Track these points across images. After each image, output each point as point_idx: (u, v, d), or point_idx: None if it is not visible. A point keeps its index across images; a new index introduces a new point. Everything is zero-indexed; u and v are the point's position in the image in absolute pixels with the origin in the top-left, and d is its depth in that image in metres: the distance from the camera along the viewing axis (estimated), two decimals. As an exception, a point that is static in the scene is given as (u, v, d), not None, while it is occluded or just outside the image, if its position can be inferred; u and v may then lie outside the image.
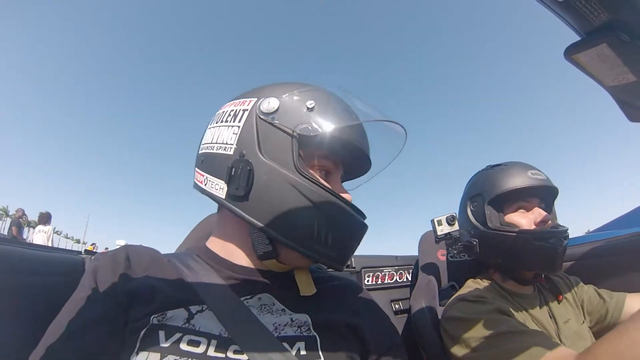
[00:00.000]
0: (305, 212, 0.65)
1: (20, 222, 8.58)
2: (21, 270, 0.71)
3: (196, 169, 0.76)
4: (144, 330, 0.57)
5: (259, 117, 0.69)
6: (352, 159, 0.79)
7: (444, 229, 1.36)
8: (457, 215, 1.36)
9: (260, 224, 0.65)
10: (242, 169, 0.66)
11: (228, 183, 0.67)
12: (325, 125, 0.68)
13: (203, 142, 0.77)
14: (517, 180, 1.15)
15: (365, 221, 0.74)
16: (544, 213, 1.13)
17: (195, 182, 0.76)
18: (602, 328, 1.17)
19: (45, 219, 8.26)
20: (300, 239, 0.65)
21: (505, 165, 1.22)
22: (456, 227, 1.36)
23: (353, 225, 0.72)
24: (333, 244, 0.67)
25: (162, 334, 0.57)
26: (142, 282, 0.64)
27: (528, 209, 1.17)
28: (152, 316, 0.59)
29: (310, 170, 0.71)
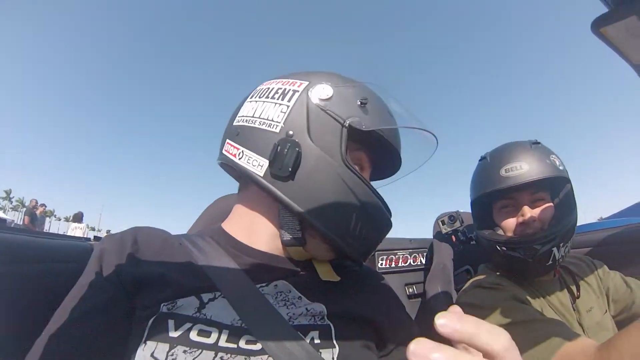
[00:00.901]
0: (346, 204, 0.64)
1: (33, 212, 9.36)
2: (26, 258, 0.69)
3: (228, 140, 0.72)
4: (153, 318, 0.55)
5: (311, 100, 0.67)
6: (386, 159, 0.79)
7: (447, 228, 1.38)
8: (459, 213, 1.40)
9: (300, 209, 0.63)
10: (290, 149, 0.62)
11: (271, 161, 0.63)
12: (375, 123, 0.68)
13: (241, 114, 0.73)
14: (488, 182, 1.08)
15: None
16: (528, 214, 1.05)
17: (224, 154, 0.72)
18: (627, 317, 1.12)
19: (78, 218, 9.57)
20: (336, 229, 0.64)
21: (486, 157, 1.15)
22: (457, 224, 1.37)
23: (383, 221, 0.72)
24: (365, 238, 0.68)
25: (171, 323, 0.55)
26: (151, 268, 0.62)
27: (516, 206, 1.09)
28: (162, 304, 0.57)
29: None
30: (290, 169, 0.62)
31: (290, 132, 0.65)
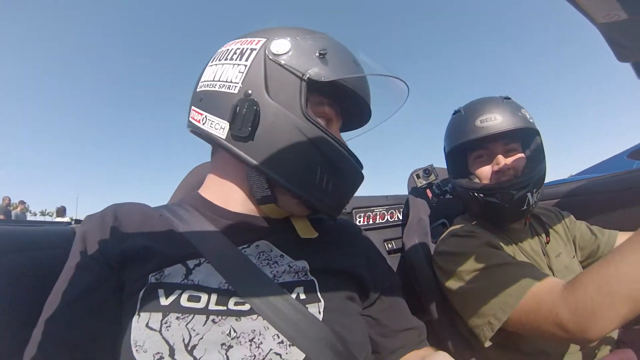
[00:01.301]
0: (309, 157, 0.64)
1: (7, 210, 9.33)
2: (9, 247, 0.68)
3: (193, 107, 0.71)
4: (143, 290, 0.56)
5: (268, 57, 0.66)
6: (354, 110, 0.78)
7: (422, 181, 1.42)
8: (433, 167, 1.43)
9: (261, 165, 0.63)
10: (248, 109, 0.62)
11: (231, 122, 0.64)
12: (336, 73, 0.67)
13: (202, 79, 0.72)
14: (464, 133, 1.13)
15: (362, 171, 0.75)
16: (502, 162, 1.10)
17: (190, 121, 0.71)
18: (593, 262, 1.17)
19: (61, 212, 9.97)
20: (301, 184, 0.64)
21: (460, 111, 1.19)
22: (433, 177, 1.41)
23: (353, 174, 0.72)
24: (333, 191, 0.67)
25: (161, 292, 0.56)
26: (135, 242, 0.62)
27: (490, 156, 1.14)
28: (150, 275, 0.58)
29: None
30: (249, 128, 0.62)
31: (249, 92, 0.64)
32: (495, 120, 1.08)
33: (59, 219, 9.37)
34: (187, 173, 1.05)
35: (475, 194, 1.11)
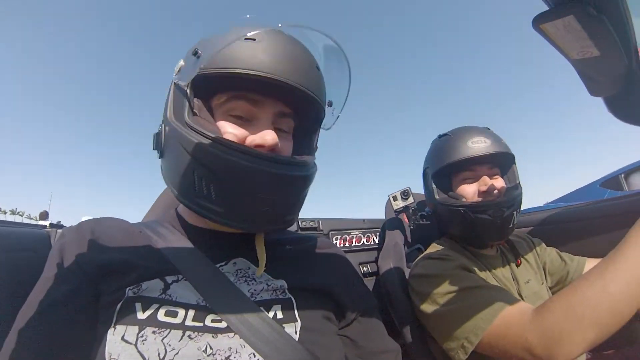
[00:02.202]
0: (184, 164, 0.60)
1: None
2: None
3: None
4: (120, 303, 0.56)
5: (173, 80, 0.68)
6: (275, 94, 0.67)
7: (399, 204, 1.44)
8: (410, 190, 1.46)
9: (165, 179, 0.69)
10: (159, 133, 0.68)
11: (155, 148, 0.70)
12: (201, 66, 0.60)
13: None
14: (456, 152, 1.17)
15: (298, 173, 0.63)
16: (489, 182, 1.14)
17: None
18: (562, 288, 1.20)
19: (43, 215, 10.60)
20: (183, 192, 0.63)
21: (449, 134, 1.24)
22: (411, 200, 1.44)
23: (243, 175, 0.58)
24: (217, 197, 0.59)
25: (138, 306, 0.56)
26: (114, 255, 0.62)
27: (476, 178, 1.19)
28: (127, 288, 0.57)
29: (221, 121, 0.64)
30: (158, 152, 0.69)
31: (163, 119, 0.68)
32: (486, 143, 1.13)
33: (41, 222, 9.63)
34: (162, 191, 1.04)
35: (465, 210, 1.14)
